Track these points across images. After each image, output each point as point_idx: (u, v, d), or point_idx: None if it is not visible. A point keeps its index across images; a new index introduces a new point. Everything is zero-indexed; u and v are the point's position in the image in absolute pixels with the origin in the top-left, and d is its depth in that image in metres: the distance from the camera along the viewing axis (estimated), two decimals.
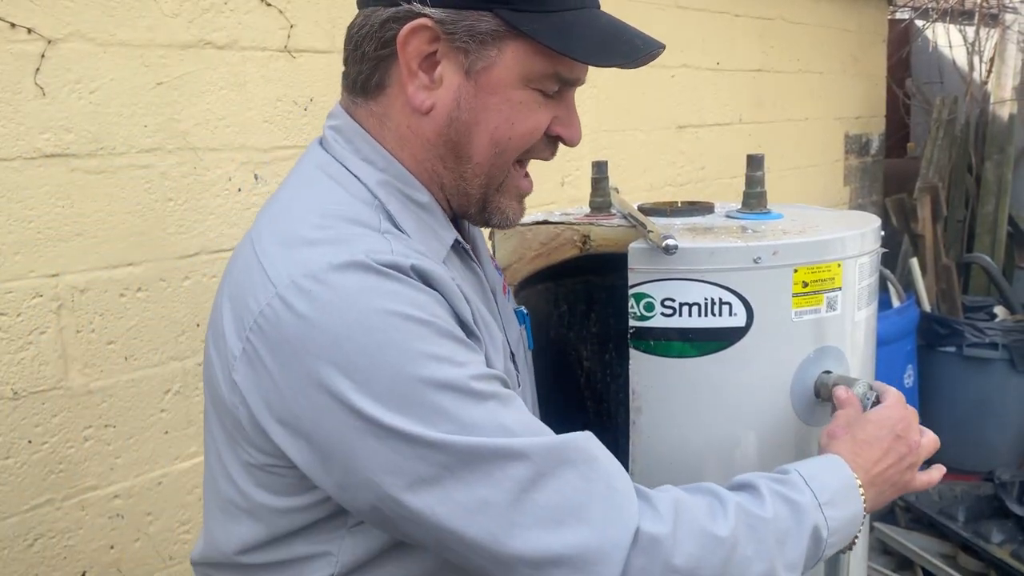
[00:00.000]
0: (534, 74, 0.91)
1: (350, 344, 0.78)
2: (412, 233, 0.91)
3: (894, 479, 1.00)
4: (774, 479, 0.92)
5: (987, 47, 5.03)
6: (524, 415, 0.84)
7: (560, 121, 0.95)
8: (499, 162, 0.94)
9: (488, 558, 0.79)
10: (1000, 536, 2.89)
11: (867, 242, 1.12)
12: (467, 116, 0.92)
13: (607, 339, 1.38)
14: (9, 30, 1.43)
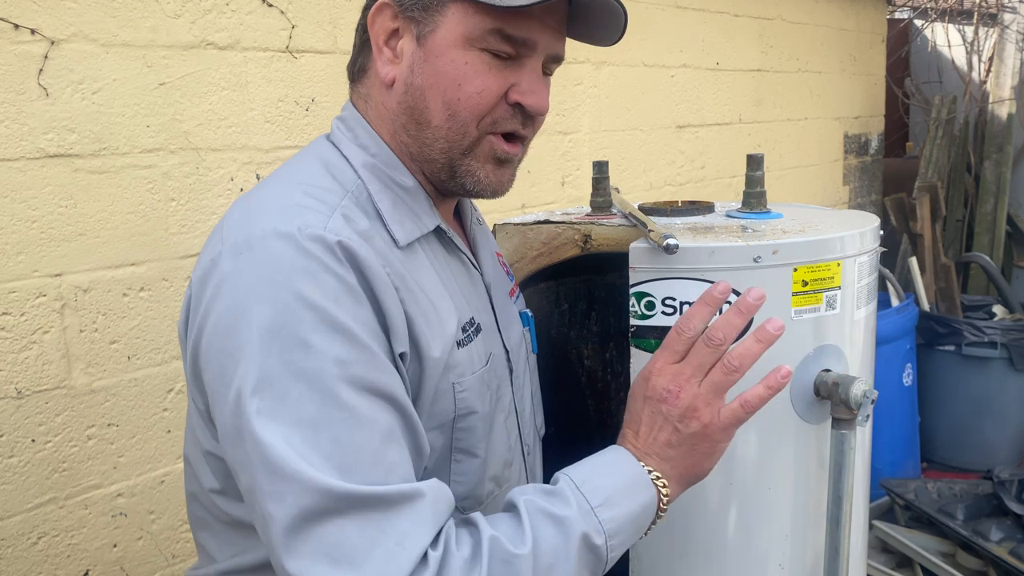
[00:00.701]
0: (476, 32, 0.92)
1: (245, 312, 0.82)
2: (387, 212, 0.95)
3: (684, 441, 0.92)
4: (541, 493, 0.89)
5: (986, 47, 5.04)
6: (368, 441, 0.82)
7: (519, 88, 0.95)
8: (455, 125, 0.95)
9: (275, 562, 0.81)
10: (999, 534, 2.90)
11: (866, 241, 1.12)
12: (420, 81, 0.95)
13: (608, 338, 1.38)
14: (12, 31, 1.44)
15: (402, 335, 0.89)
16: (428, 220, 0.99)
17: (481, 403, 0.99)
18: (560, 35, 0.99)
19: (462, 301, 1.01)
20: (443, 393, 0.95)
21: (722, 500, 1.09)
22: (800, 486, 1.10)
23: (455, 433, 0.98)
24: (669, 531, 1.09)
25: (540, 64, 0.97)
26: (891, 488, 3.25)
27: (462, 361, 0.97)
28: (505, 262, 1.25)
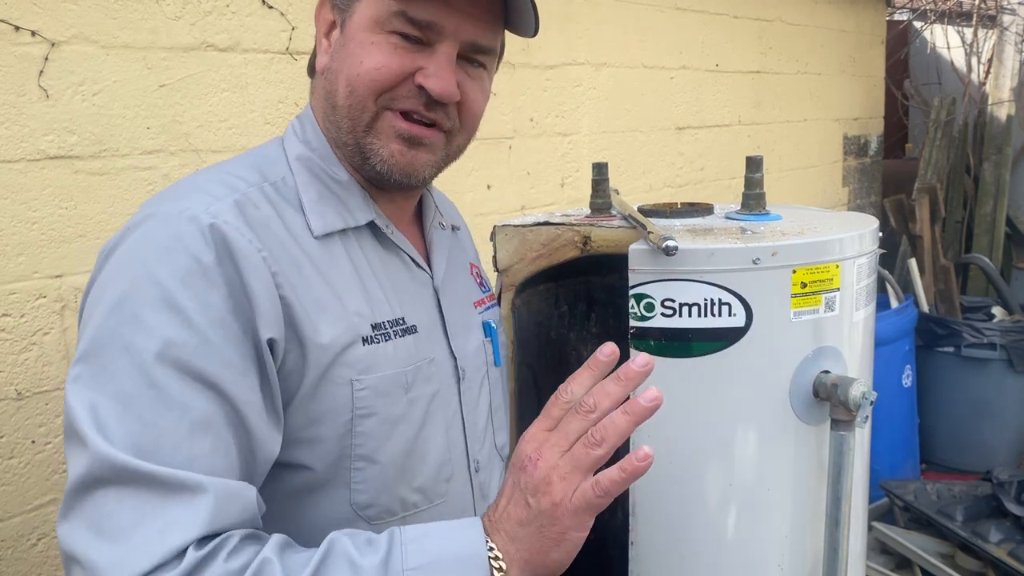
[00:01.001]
0: (383, 15, 0.95)
1: (108, 284, 0.86)
2: (310, 203, 0.97)
3: (534, 519, 0.80)
4: (363, 537, 0.83)
5: (985, 48, 5.04)
6: (175, 426, 0.80)
7: (425, 72, 0.95)
8: (354, 101, 0.96)
9: None
10: (998, 535, 2.90)
11: (865, 243, 1.13)
12: (335, 65, 0.99)
13: (608, 339, 1.38)
14: (13, 33, 1.44)
15: (271, 320, 0.87)
16: (360, 214, 1.01)
17: (388, 406, 0.96)
18: (478, 22, 0.98)
19: (387, 299, 0.99)
20: (334, 387, 0.92)
21: (721, 501, 1.10)
22: (799, 487, 1.10)
23: (354, 438, 0.94)
24: (669, 532, 1.10)
25: (453, 51, 0.97)
26: (890, 489, 3.25)
27: (365, 358, 0.94)
28: (482, 272, 1.24)
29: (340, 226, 0.98)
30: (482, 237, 2.36)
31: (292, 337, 0.89)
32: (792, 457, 1.10)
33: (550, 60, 2.57)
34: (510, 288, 1.29)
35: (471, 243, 1.30)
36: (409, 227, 1.10)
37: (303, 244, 0.94)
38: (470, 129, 1.05)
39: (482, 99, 1.04)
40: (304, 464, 0.94)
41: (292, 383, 0.90)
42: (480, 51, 1.00)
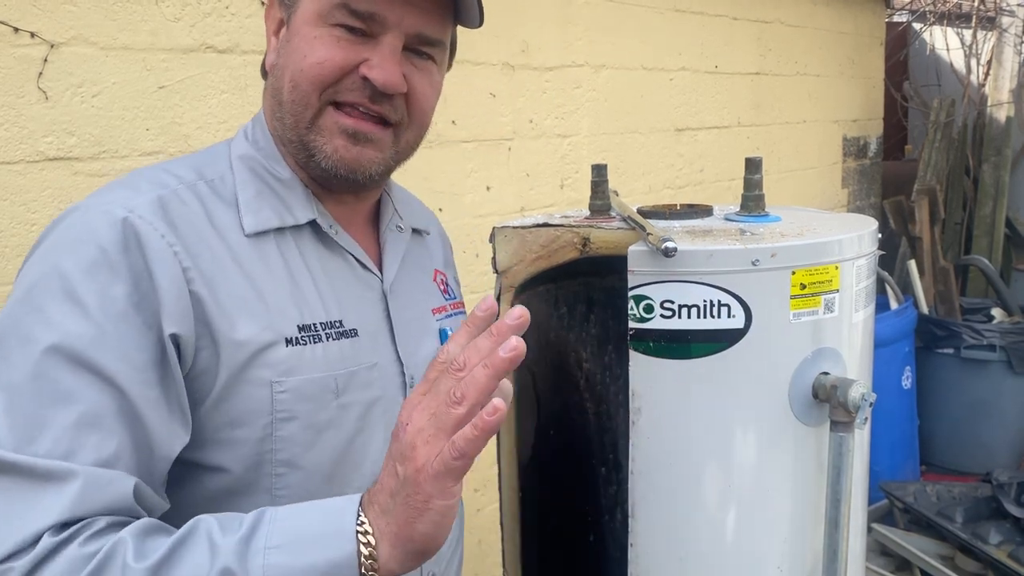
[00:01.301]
0: (325, 8, 0.94)
1: (23, 275, 0.87)
2: (246, 201, 0.97)
3: (401, 488, 0.76)
4: (231, 516, 0.80)
5: (984, 50, 5.04)
6: (60, 417, 0.79)
7: (370, 63, 0.95)
8: (298, 97, 0.96)
9: None
10: (998, 537, 2.90)
11: (864, 244, 1.12)
12: (281, 61, 0.98)
13: (607, 340, 1.39)
14: (12, 34, 1.44)
15: (177, 315, 0.86)
16: (300, 213, 1.00)
17: (313, 411, 0.94)
18: (424, 13, 0.97)
19: (322, 301, 0.98)
20: (252, 388, 0.90)
21: (720, 503, 1.10)
22: (799, 489, 1.10)
23: (275, 442, 0.92)
24: (668, 533, 1.10)
25: (398, 42, 0.96)
26: (890, 491, 3.25)
27: (287, 360, 0.92)
28: (448, 280, 1.22)
29: (275, 224, 0.97)
30: (482, 238, 2.37)
31: (204, 334, 0.88)
32: (791, 458, 1.09)
33: (549, 62, 2.57)
34: (509, 289, 1.29)
35: (443, 249, 1.28)
36: (362, 229, 1.09)
37: (230, 242, 0.93)
38: (420, 123, 1.03)
39: (431, 92, 1.02)
40: (222, 466, 0.92)
41: (206, 381, 0.89)
42: (427, 42, 0.99)
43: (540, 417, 1.32)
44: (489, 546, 2.53)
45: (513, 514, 1.26)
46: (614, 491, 1.35)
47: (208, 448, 0.91)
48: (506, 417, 1.23)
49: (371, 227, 1.11)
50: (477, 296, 2.42)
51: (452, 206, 2.31)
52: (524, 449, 1.27)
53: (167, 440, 0.86)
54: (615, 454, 1.35)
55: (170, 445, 0.87)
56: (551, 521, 1.34)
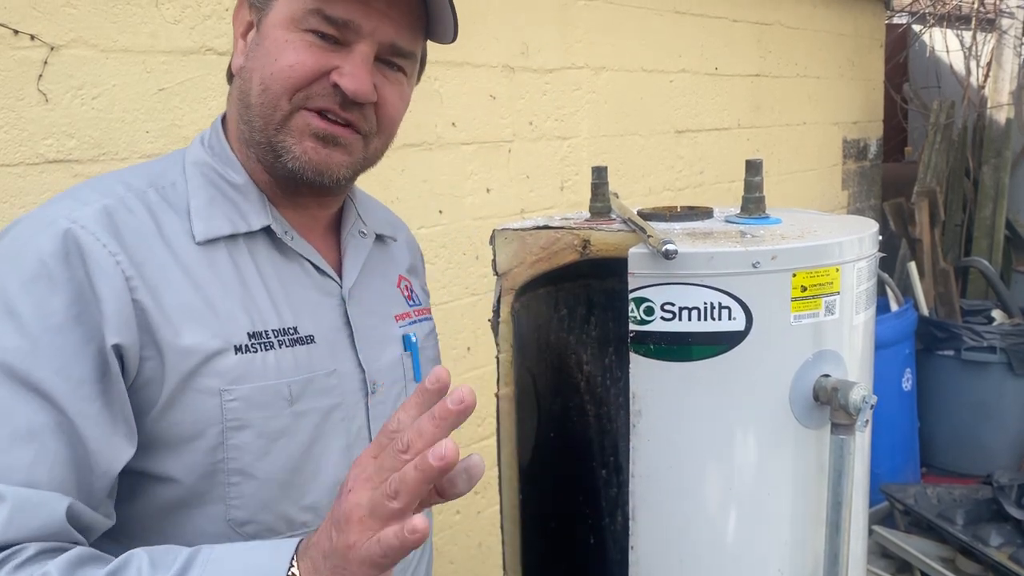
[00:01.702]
0: (298, 13, 0.94)
1: None
2: (197, 208, 0.96)
3: (333, 554, 0.74)
4: (163, 552, 0.79)
5: (984, 52, 5.05)
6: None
7: (341, 71, 0.94)
8: (267, 99, 0.95)
9: None
10: (999, 539, 2.90)
11: (865, 246, 1.12)
12: (251, 63, 0.97)
13: (607, 343, 1.38)
14: (12, 37, 1.44)
15: (119, 325, 0.85)
16: (254, 219, 0.98)
17: (265, 419, 0.93)
18: (397, 23, 0.96)
19: (275, 308, 0.96)
20: (200, 397, 0.89)
21: (721, 505, 1.09)
22: (799, 491, 1.10)
23: (227, 451, 0.91)
24: (667, 537, 1.09)
25: (371, 51, 0.95)
26: (891, 493, 3.25)
27: (237, 368, 0.91)
28: (413, 287, 1.20)
29: (227, 231, 0.96)
30: (482, 240, 2.37)
31: (149, 343, 0.87)
32: (792, 461, 1.09)
33: (549, 64, 2.57)
34: (509, 292, 1.29)
35: (411, 256, 1.26)
36: (324, 235, 1.08)
37: (177, 250, 0.92)
38: (388, 133, 1.03)
39: (400, 104, 1.02)
40: (173, 477, 0.90)
41: (152, 391, 0.88)
42: (399, 54, 0.98)
43: (540, 419, 1.32)
44: (489, 548, 2.52)
45: (513, 517, 1.25)
46: (615, 493, 1.35)
47: (157, 458, 0.90)
48: (507, 419, 1.23)
49: (333, 234, 1.10)
50: (477, 298, 2.41)
51: (452, 208, 2.31)
52: (524, 451, 1.27)
53: (109, 455, 0.85)
54: (615, 456, 1.35)
55: (112, 460, 0.85)
56: (551, 524, 1.34)
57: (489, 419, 2.41)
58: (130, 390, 0.88)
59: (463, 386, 0.74)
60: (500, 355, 1.24)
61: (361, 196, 1.19)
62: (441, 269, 2.30)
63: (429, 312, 1.22)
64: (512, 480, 1.25)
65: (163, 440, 0.90)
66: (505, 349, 1.25)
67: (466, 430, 2.42)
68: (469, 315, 2.40)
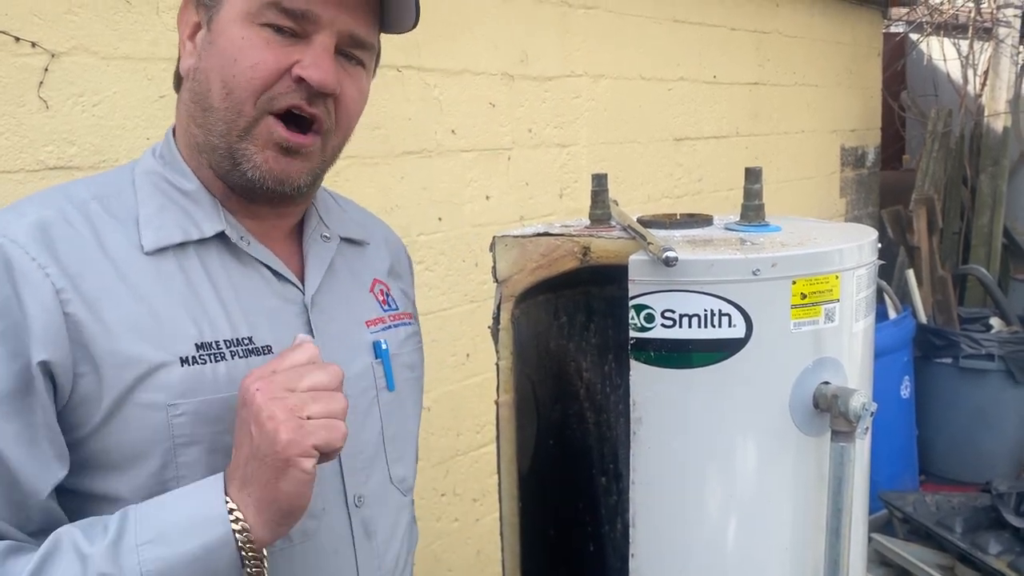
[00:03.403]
0: (253, 7, 0.91)
1: None
2: (146, 217, 0.93)
3: (258, 452, 0.80)
4: (89, 524, 0.80)
5: (981, 60, 5.07)
6: None
7: (303, 64, 0.91)
8: (231, 104, 0.92)
9: None
10: (998, 547, 2.89)
11: (864, 254, 1.13)
12: (205, 64, 0.94)
13: (607, 350, 1.38)
14: (13, 44, 1.44)
15: (47, 340, 0.83)
16: (207, 226, 0.95)
17: (217, 434, 0.89)
18: (355, 13, 0.94)
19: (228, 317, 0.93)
20: (144, 412, 0.87)
21: (721, 512, 1.09)
22: (799, 498, 1.10)
23: (178, 468, 0.88)
24: (667, 545, 1.09)
25: (331, 42, 0.93)
26: (889, 501, 3.25)
27: (184, 381, 0.88)
28: (390, 290, 1.16)
29: (178, 239, 0.93)
30: (481, 248, 2.37)
31: (84, 358, 0.85)
32: (792, 468, 1.09)
33: (548, 72, 2.58)
34: (509, 299, 1.29)
35: (391, 259, 1.22)
36: (284, 242, 1.04)
37: (120, 261, 0.90)
38: (345, 129, 1.00)
39: (359, 99, 1.00)
40: (122, 497, 0.87)
41: (90, 407, 0.85)
42: (358, 44, 0.96)
43: (540, 426, 1.32)
44: (488, 556, 2.52)
45: (512, 524, 1.25)
46: (614, 501, 1.35)
47: (101, 477, 0.87)
48: (506, 426, 1.23)
49: (296, 240, 1.06)
50: (476, 305, 2.41)
51: (451, 215, 2.32)
52: (524, 459, 1.26)
53: (34, 475, 0.83)
54: (615, 464, 1.35)
55: (39, 480, 0.83)
56: (551, 531, 1.34)
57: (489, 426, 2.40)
58: (66, 407, 0.85)
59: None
60: (500, 362, 1.24)
61: (329, 200, 1.16)
62: (440, 276, 2.31)
63: (410, 316, 1.18)
64: (511, 487, 1.25)
65: (108, 459, 0.87)
66: (505, 356, 1.24)
67: (465, 437, 2.42)
68: (468, 322, 2.40)
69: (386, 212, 2.12)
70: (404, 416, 1.12)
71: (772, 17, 3.69)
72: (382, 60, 1.08)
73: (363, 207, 1.27)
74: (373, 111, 2.05)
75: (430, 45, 2.19)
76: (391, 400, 1.08)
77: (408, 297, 1.23)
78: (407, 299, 1.22)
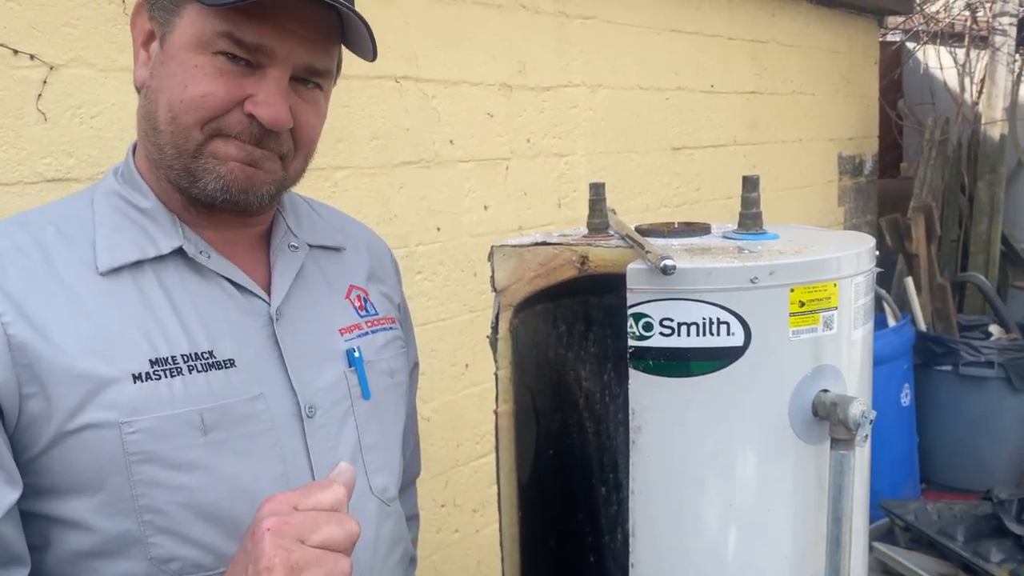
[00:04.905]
0: (206, 35, 0.89)
1: None
2: (102, 238, 0.92)
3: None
4: None
5: (977, 68, 5.08)
6: None
7: (254, 99, 0.90)
8: (177, 129, 0.90)
9: None
10: (999, 555, 2.88)
11: (862, 261, 1.13)
12: (155, 84, 0.92)
13: (605, 359, 1.38)
14: (11, 56, 1.45)
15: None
16: (164, 242, 0.94)
17: (174, 451, 0.88)
18: (312, 45, 0.92)
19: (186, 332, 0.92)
20: (96, 432, 0.85)
21: (721, 522, 1.09)
22: (799, 507, 1.10)
23: (134, 487, 0.87)
24: (668, 554, 1.09)
25: (285, 75, 0.91)
26: (890, 509, 3.24)
27: (136, 398, 0.86)
28: (369, 295, 1.14)
29: (133, 257, 0.92)
30: (479, 257, 2.37)
31: (30, 379, 0.84)
32: (792, 477, 1.09)
33: (546, 82, 2.59)
34: (508, 308, 1.29)
35: (370, 264, 1.19)
36: (250, 253, 1.02)
37: (71, 282, 0.89)
38: (307, 152, 0.99)
39: (317, 122, 0.99)
40: (82, 520, 0.87)
41: (39, 428, 0.84)
42: (315, 73, 0.95)
43: (539, 436, 1.32)
44: (488, 567, 2.51)
45: (512, 535, 1.25)
46: (614, 511, 1.35)
47: (61, 499, 0.87)
48: (506, 436, 1.23)
49: (262, 250, 1.04)
50: (475, 315, 2.41)
51: (449, 225, 2.32)
52: (523, 469, 1.26)
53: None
54: (615, 473, 1.35)
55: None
56: (551, 542, 1.33)
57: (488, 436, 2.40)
58: (16, 430, 0.84)
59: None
60: (499, 372, 1.24)
61: (304, 207, 1.14)
62: (439, 286, 2.30)
63: (392, 321, 1.16)
64: (511, 498, 1.25)
65: (64, 480, 0.86)
66: (504, 366, 1.24)
67: (465, 448, 2.42)
68: (467, 332, 2.39)
69: (385, 222, 2.13)
70: (384, 424, 1.10)
71: (769, 26, 3.70)
72: (380, 70, 1.08)
73: (344, 213, 1.26)
74: (371, 121, 2.06)
75: (428, 56, 2.19)
76: (368, 409, 1.06)
77: (392, 301, 1.21)
78: (389, 303, 1.20)
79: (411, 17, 2.13)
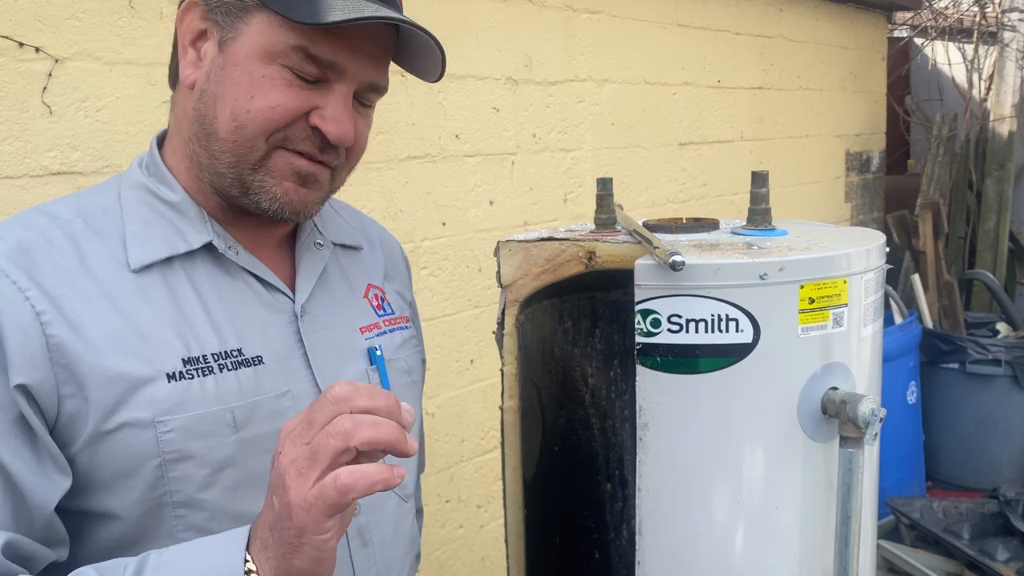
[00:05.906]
0: (278, 47, 0.88)
1: None
2: (132, 234, 0.92)
3: (277, 521, 0.74)
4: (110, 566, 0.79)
5: (986, 65, 5.06)
6: None
7: (321, 113, 0.91)
8: (241, 138, 0.90)
9: None
10: (1006, 554, 2.88)
11: (872, 258, 1.12)
12: (214, 89, 0.91)
13: (612, 355, 1.38)
14: (17, 49, 1.44)
15: (25, 363, 0.82)
16: (194, 236, 0.94)
17: (208, 448, 0.89)
18: (378, 63, 0.94)
19: (216, 330, 0.92)
20: (133, 430, 0.86)
21: (729, 519, 1.08)
22: (808, 505, 1.09)
23: (169, 484, 0.87)
24: (674, 552, 1.08)
25: (350, 91, 0.92)
26: (896, 507, 3.23)
27: (171, 396, 0.87)
28: (385, 294, 1.15)
29: (165, 254, 0.92)
30: (485, 253, 2.37)
31: (68, 379, 0.84)
32: (800, 475, 1.08)
33: (552, 76, 2.58)
34: (514, 304, 1.28)
35: (386, 263, 1.20)
36: (275, 250, 1.03)
37: (103, 279, 0.89)
38: (353, 164, 1.01)
39: (367, 136, 1.00)
40: (116, 514, 0.87)
41: (77, 427, 0.85)
42: (375, 91, 0.96)
43: (545, 432, 1.31)
44: (493, 563, 2.51)
45: (517, 531, 1.24)
46: (620, 508, 1.34)
47: (96, 495, 0.87)
48: (511, 432, 1.22)
49: (287, 248, 1.05)
50: (480, 311, 2.41)
51: (455, 220, 2.31)
52: (529, 465, 1.26)
53: (40, 487, 0.83)
54: (621, 470, 1.34)
55: (45, 492, 0.83)
56: (556, 538, 1.33)
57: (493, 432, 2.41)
58: (55, 428, 0.85)
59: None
60: (505, 367, 1.23)
61: (326, 206, 1.15)
62: (444, 281, 2.30)
63: (407, 320, 1.17)
64: (517, 494, 1.24)
65: (99, 477, 0.87)
66: (510, 361, 1.24)
67: (470, 444, 2.41)
68: (472, 327, 2.39)
69: (390, 217, 2.12)
70: None
71: (776, 22, 3.68)
72: None
73: (358, 210, 1.27)
74: (377, 116, 2.04)
75: None
76: None
77: (404, 299, 1.22)
78: (403, 301, 1.21)
79: (417, 10, 2.12)
